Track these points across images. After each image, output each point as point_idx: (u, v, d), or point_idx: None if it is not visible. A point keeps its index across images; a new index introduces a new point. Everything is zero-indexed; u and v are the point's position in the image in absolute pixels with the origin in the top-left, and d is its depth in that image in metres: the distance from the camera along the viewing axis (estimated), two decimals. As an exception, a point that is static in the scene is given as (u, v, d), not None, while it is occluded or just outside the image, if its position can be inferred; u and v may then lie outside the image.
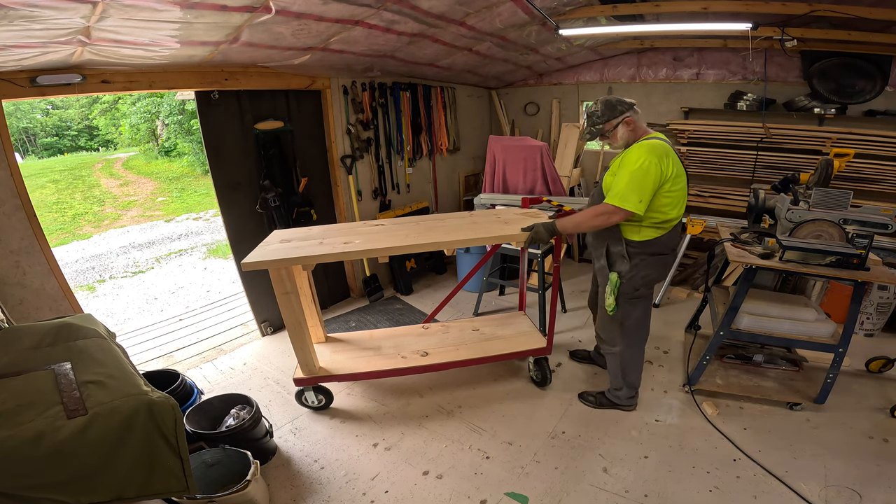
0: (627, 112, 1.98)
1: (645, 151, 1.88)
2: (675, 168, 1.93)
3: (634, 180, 1.88)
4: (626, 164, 1.91)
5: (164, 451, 1.32)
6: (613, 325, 2.25)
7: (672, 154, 1.95)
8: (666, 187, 1.94)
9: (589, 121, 2.05)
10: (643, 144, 1.93)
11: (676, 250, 2.26)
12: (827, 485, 1.94)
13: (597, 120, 2.02)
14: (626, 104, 1.99)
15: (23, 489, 1.12)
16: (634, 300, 2.17)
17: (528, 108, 5.11)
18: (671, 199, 1.98)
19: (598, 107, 2.02)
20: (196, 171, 13.02)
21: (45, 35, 1.78)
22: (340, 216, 3.81)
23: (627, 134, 2.01)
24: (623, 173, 1.91)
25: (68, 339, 1.52)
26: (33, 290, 2.35)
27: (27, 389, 1.28)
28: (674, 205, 2.00)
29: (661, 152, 1.90)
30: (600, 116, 2.01)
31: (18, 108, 16.07)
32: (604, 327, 2.32)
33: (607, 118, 2.00)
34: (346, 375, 2.49)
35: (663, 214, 2.01)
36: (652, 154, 1.87)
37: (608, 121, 2.00)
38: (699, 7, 2.89)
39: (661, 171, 1.88)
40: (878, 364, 2.67)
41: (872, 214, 2.30)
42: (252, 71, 2.89)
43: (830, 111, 3.53)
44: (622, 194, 1.90)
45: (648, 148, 1.89)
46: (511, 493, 1.96)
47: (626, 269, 2.09)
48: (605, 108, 2.00)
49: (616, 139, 2.03)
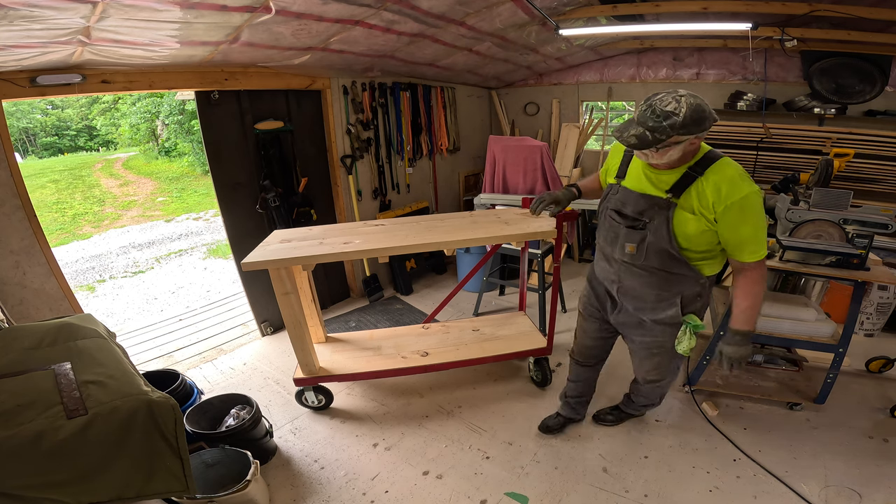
0: (708, 130, 1.42)
1: (746, 181, 1.47)
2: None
3: (762, 221, 1.49)
4: (749, 207, 1.45)
5: (164, 451, 1.32)
6: (671, 364, 1.91)
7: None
8: None
9: (654, 122, 1.39)
10: (733, 168, 1.49)
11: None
12: (827, 485, 1.94)
13: (671, 130, 1.36)
14: (713, 118, 1.40)
15: (23, 489, 1.12)
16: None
17: (528, 108, 5.11)
18: None
19: (681, 109, 1.35)
20: (196, 171, 13.01)
21: (45, 35, 1.78)
22: (340, 216, 3.81)
23: (684, 153, 1.48)
24: (750, 218, 1.47)
25: (68, 339, 1.52)
26: (33, 290, 2.35)
27: (27, 389, 1.28)
28: None
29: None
30: (681, 126, 1.36)
31: (18, 108, 16.08)
32: (657, 370, 1.92)
33: (688, 131, 1.37)
34: (346, 375, 2.49)
35: None
36: (751, 181, 1.48)
37: (688, 134, 1.38)
38: (699, 7, 2.89)
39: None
40: (878, 364, 2.67)
41: (872, 214, 2.30)
42: (252, 71, 2.89)
43: (830, 111, 3.53)
44: (761, 241, 1.51)
45: (741, 174, 1.48)
46: (511, 493, 1.96)
47: (700, 305, 1.75)
48: (693, 118, 1.36)
49: (664, 157, 1.47)
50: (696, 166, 1.50)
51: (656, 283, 1.68)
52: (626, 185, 1.67)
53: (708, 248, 1.57)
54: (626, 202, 1.65)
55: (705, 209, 1.49)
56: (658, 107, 1.38)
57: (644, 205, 1.60)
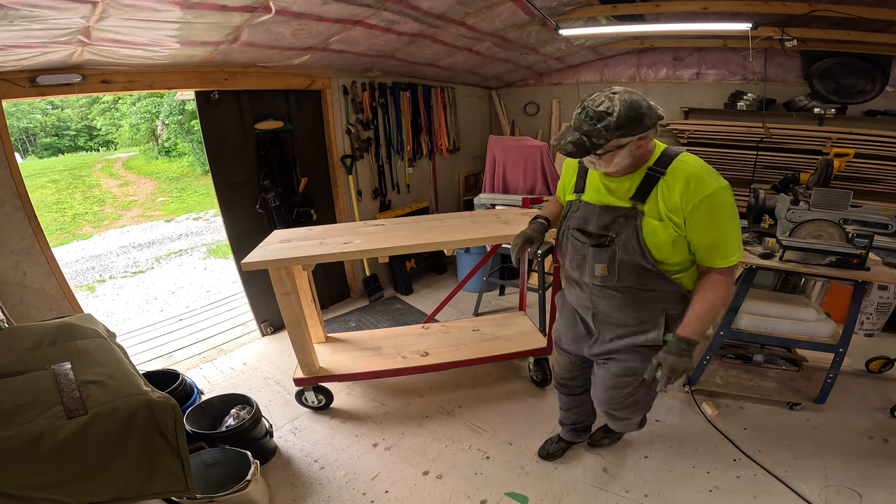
0: (652, 128, 1.28)
1: (713, 175, 1.32)
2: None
3: (734, 220, 1.33)
4: (718, 205, 1.29)
5: (164, 451, 1.32)
6: (646, 397, 1.69)
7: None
8: None
9: (588, 126, 1.24)
10: (696, 163, 1.34)
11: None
12: (827, 485, 1.94)
13: (607, 132, 1.22)
14: (655, 114, 1.28)
15: (23, 489, 1.12)
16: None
17: (528, 108, 5.11)
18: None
19: (615, 107, 1.21)
20: (196, 171, 13.01)
21: (45, 35, 1.78)
22: (340, 216, 3.81)
23: (633, 157, 1.33)
24: (720, 217, 1.31)
25: (68, 339, 1.52)
26: (33, 290, 2.35)
27: (27, 389, 1.28)
28: None
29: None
30: (617, 128, 1.22)
31: (18, 108, 16.07)
32: (625, 403, 1.67)
33: (626, 132, 1.23)
34: (346, 375, 2.49)
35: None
36: (718, 176, 1.33)
37: (628, 135, 1.24)
38: (699, 7, 2.89)
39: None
40: (878, 364, 2.67)
41: (872, 214, 2.30)
42: (252, 71, 2.89)
43: (830, 111, 3.53)
44: (734, 243, 1.34)
45: (706, 168, 1.34)
46: (511, 493, 1.96)
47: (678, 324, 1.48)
48: (630, 116, 1.21)
49: (611, 163, 1.31)
50: (657, 165, 1.35)
51: (635, 305, 1.49)
52: (587, 199, 1.50)
53: (684, 257, 1.40)
54: (588, 218, 1.48)
55: (673, 212, 1.33)
56: (591, 108, 1.23)
57: (608, 218, 1.42)
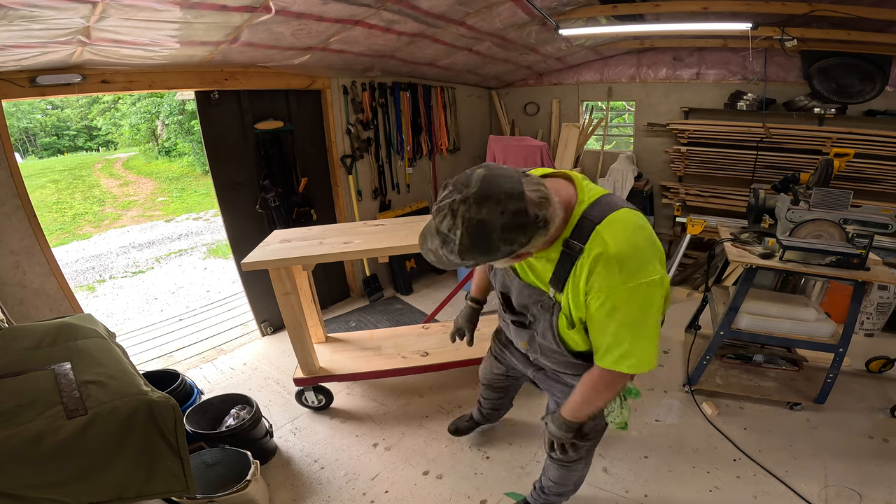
0: (539, 234, 0.90)
1: (638, 264, 0.97)
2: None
3: (647, 323, 1.01)
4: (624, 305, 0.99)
5: (164, 451, 1.32)
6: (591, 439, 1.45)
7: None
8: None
9: (435, 243, 0.90)
10: (617, 241, 0.96)
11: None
12: (827, 485, 1.94)
13: (451, 256, 0.89)
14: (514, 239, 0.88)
15: (23, 489, 1.12)
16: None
17: (528, 108, 5.11)
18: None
19: (456, 230, 0.86)
20: (196, 171, 13.00)
21: (45, 35, 1.78)
22: (340, 216, 3.81)
23: (548, 234, 0.94)
24: (630, 319, 1.00)
25: (68, 339, 1.52)
26: (33, 290, 2.35)
27: (27, 389, 1.28)
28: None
29: (654, 247, 1.01)
30: (460, 254, 0.88)
31: (18, 108, 16.06)
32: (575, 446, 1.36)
33: (475, 259, 0.89)
34: (346, 375, 2.48)
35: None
36: (651, 263, 0.98)
37: (476, 262, 0.90)
38: (699, 7, 2.89)
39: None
40: (878, 364, 2.67)
41: (872, 214, 2.30)
42: (252, 71, 2.89)
43: (830, 111, 3.53)
44: (639, 352, 1.03)
45: (634, 250, 0.97)
46: (511, 493, 1.96)
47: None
48: (475, 244, 0.86)
49: (527, 254, 0.97)
50: (574, 237, 1.00)
51: (571, 366, 1.28)
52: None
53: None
54: (509, 286, 1.27)
55: (578, 308, 1.05)
56: (434, 222, 0.90)
57: (527, 298, 1.20)
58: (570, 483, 1.69)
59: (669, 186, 4.40)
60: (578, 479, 1.69)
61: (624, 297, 0.97)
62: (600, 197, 1.02)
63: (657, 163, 4.53)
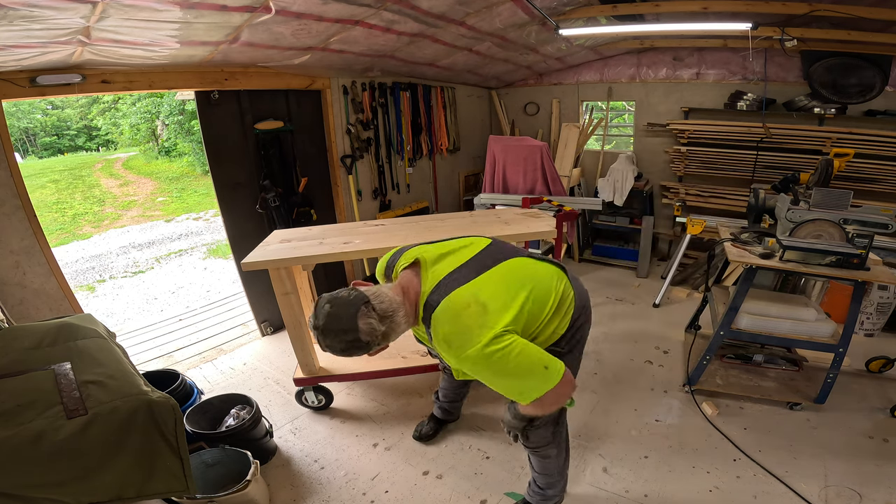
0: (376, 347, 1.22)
1: (469, 335, 1.14)
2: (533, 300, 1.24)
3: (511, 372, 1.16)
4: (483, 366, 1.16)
5: (164, 451, 1.32)
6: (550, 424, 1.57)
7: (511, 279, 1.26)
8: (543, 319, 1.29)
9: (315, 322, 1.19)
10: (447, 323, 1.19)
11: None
12: (827, 485, 1.93)
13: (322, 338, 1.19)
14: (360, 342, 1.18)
15: (23, 489, 1.12)
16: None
17: (528, 108, 5.11)
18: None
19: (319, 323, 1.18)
20: (196, 171, 13.00)
21: (45, 35, 1.78)
22: (340, 216, 3.81)
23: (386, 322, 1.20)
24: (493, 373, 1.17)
25: (68, 339, 1.52)
26: (33, 290, 2.35)
27: (27, 389, 1.28)
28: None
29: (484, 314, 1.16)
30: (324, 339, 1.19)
31: (18, 108, 16.06)
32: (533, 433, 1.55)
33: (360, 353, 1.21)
34: (346, 375, 2.49)
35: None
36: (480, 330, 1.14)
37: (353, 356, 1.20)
38: (699, 7, 2.89)
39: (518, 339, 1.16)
40: (878, 364, 2.67)
41: (872, 214, 2.30)
42: (252, 71, 2.89)
43: (830, 111, 3.53)
44: (528, 390, 1.18)
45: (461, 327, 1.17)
46: (511, 493, 1.96)
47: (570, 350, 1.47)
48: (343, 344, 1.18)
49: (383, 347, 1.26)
50: (425, 321, 1.23)
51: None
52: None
53: (530, 337, 1.27)
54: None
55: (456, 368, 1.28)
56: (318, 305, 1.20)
57: (435, 350, 1.38)
58: (554, 471, 1.72)
59: (669, 186, 4.41)
60: (557, 466, 1.72)
61: (470, 366, 1.16)
62: (440, 281, 1.23)
63: (657, 163, 4.53)
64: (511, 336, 1.15)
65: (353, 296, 1.18)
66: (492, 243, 1.41)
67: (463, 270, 1.25)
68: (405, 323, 1.24)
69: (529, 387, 1.17)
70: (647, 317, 3.51)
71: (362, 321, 1.15)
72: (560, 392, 1.19)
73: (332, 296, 1.20)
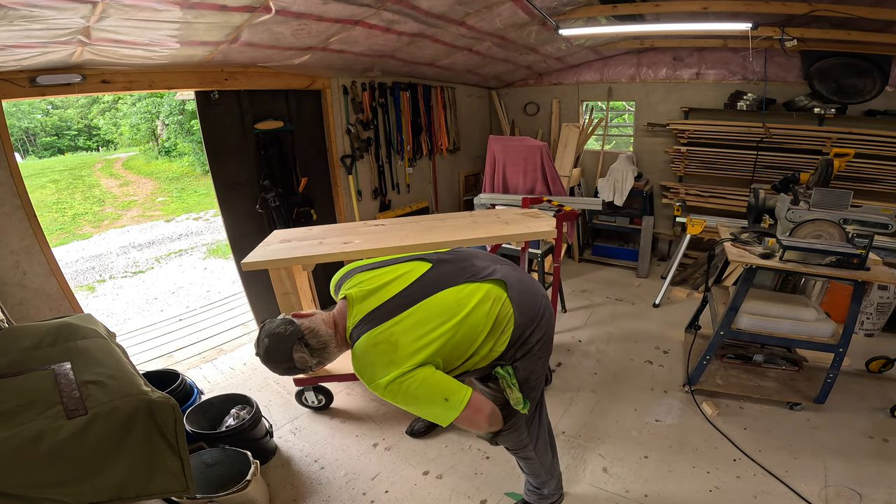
0: (296, 342, 1.29)
1: (374, 370, 1.23)
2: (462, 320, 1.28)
3: (419, 401, 1.24)
4: (392, 396, 1.23)
5: (164, 451, 1.32)
6: (514, 422, 1.55)
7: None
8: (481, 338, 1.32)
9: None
10: (358, 358, 1.27)
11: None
12: (827, 485, 1.94)
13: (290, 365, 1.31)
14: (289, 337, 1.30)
15: (23, 489, 1.11)
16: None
17: (528, 108, 5.11)
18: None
19: (260, 352, 1.33)
20: (196, 171, 13.00)
21: (45, 35, 1.78)
22: (340, 216, 3.81)
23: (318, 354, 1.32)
24: (402, 402, 1.25)
25: (68, 339, 1.52)
26: (33, 290, 2.35)
27: (27, 389, 1.28)
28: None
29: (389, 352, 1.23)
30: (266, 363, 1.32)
31: (19, 108, 16.06)
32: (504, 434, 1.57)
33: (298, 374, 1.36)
34: (346, 375, 2.48)
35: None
36: (385, 366, 1.22)
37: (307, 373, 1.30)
38: (699, 7, 2.89)
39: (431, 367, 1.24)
40: (878, 364, 2.67)
41: (872, 214, 2.31)
42: (252, 71, 2.89)
43: (830, 111, 3.53)
44: (440, 414, 1.25)
45: (367, 363, 1.25)
46: (511, 493, 1.96)
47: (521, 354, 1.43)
48: (290, 372, 1.34)
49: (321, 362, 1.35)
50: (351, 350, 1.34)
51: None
52: None
53: (460, 360, 1.32)
54: None
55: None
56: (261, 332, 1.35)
57: None
58: (541, 471, 1.74)
59: (669, 186, 4.41)
60: (544, 465, 1.73)
61: (380, 395, 1.25)
62: (363, 318, 1.31)
63: (657, 163, 4.53)
64: (416, 372, 1.21)
65: (290, 331, 1.30)
66: (429, 270, 1.41)
67: (388, 306, 1.31)
68: (337, 352, 1.38)
69: (436, 414, 1.26)
70: (647, 317, 3.51)
71: (297, 355, 1.28)
72: (469, 418, 1.27)
73: (270, 331, 1.32)
